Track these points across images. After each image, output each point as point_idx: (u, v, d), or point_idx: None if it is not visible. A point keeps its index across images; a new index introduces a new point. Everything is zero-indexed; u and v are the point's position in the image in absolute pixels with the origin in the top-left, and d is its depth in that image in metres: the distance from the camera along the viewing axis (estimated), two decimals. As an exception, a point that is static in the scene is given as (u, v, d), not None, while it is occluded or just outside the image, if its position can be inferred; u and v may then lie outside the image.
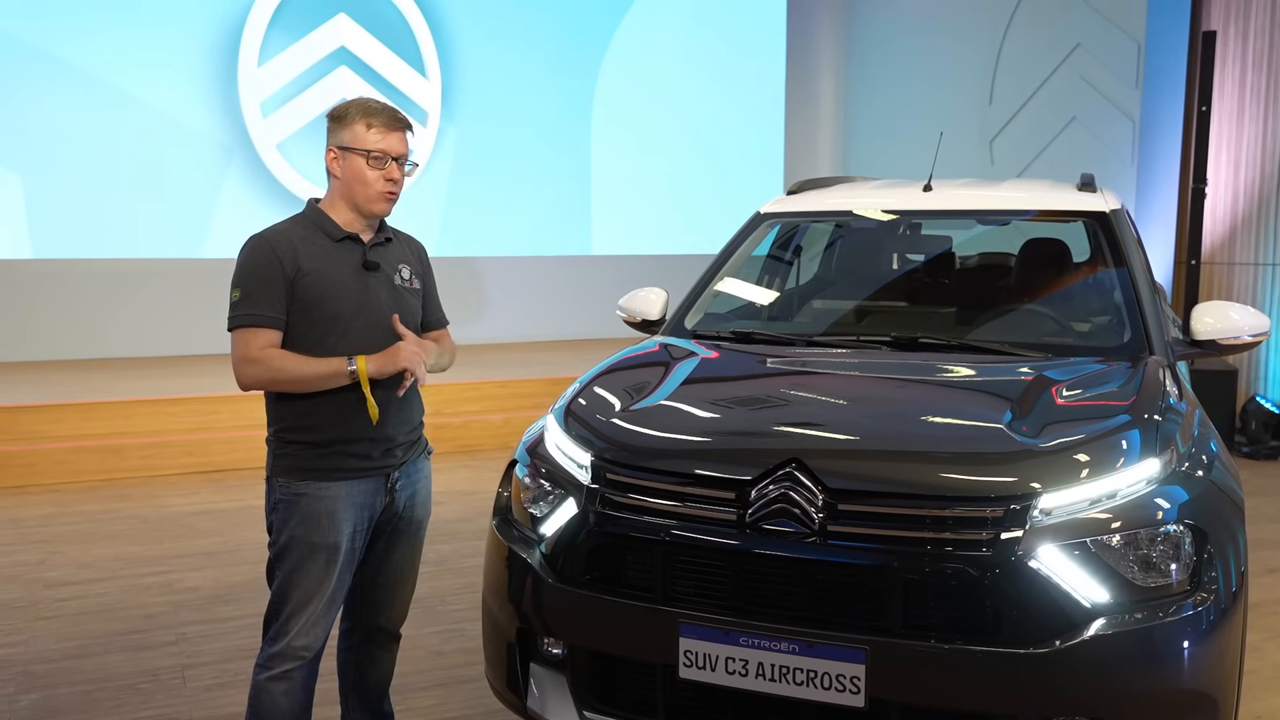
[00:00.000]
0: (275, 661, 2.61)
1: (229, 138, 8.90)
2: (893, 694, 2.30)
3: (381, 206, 2.65)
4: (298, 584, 2.59)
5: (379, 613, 2.86)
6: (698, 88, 10.60)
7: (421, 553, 2.91)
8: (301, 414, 2.58)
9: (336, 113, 2.62)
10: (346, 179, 2.61)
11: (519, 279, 9.99)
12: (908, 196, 4.03)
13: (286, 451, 2.62)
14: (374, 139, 2.58)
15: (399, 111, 2.66)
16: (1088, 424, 2.61)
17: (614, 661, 2.60)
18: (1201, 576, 2.34)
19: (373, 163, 2.59)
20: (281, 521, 2.61)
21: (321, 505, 2.58)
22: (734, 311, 3.93)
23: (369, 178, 2.59)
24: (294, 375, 2.51)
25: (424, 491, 2.84)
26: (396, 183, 2.64)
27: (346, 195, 2.63)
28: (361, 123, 2.58)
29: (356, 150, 2.58)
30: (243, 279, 2.54)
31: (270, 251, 2.54)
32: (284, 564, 2.61)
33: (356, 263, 2.64)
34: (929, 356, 3.24)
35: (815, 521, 2.37)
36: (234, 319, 2.54)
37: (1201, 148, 7.82)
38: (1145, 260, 3.75)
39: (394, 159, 2.61)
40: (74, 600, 4.45)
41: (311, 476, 2.59)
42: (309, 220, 2.65)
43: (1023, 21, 9.72)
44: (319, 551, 2.59)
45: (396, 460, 2.71)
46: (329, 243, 2.62)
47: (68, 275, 8.60)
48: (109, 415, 6.73)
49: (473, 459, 7.05)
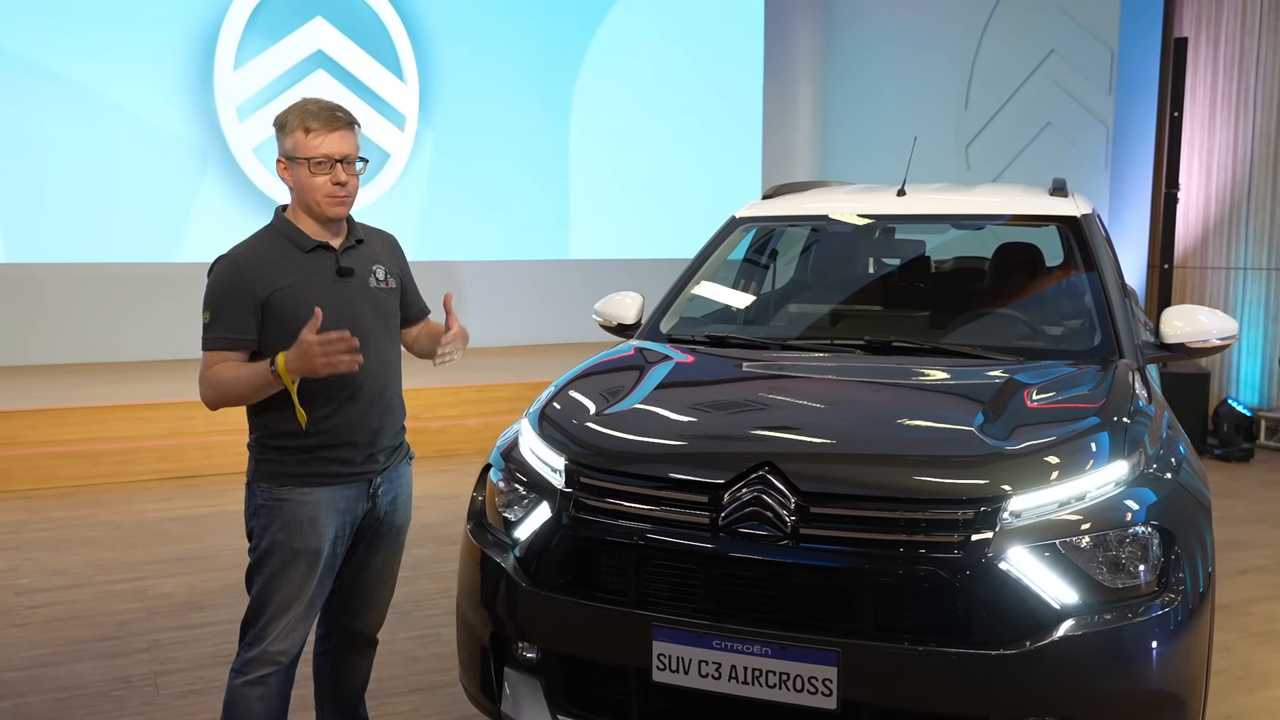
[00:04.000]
0: (251, 666, 2.59)
1: (205, 142, 8.85)
2: (864, 696, 2.31)
3: (335, 211, 2.58)
4: (278, 589, 2.57)
5: (357, 618, 2.85)
6: (676, 93, 10.61)
7: (401, 558, 2.90)
8: (284, 420, 2.54)
9: (278, 121, 2.56)
10: (296, 188, 2.56)
11: (496, 283, 9.98)
12: (882, 201, 4.05)
13: (269, 457, 2.59)
14: (314, 144, 2.51)
15: (338, 109, 2.56)
16: (1058, 427, 2.63)
17: (588, 665, 2.60)
18: (1169, 577, 2.36)
19: (315, 169, 2.51)
20: (263, 527, 2.58)
21: (304, 511, 2.56)
22: (709, 316, 3.95)
23: (315, 184, 2.53)
24: (231, 389, 2.49)
25: (405, 496, 2.83)
26: (343, 185, 2.55)
27: (300, 202, 2.58)
28: (300, 129, 2.51)
29: (299, 158, 2.52)
30: (210, 303, 2.53)
31: (236, 273, 2.51)
32: (264, 569, 2.59)
33: (330, 271, 2.60)
34: (902, 360, 3.26)
35: (788, 524, 2.38)
36: (204, 340, 2.53)
37: (1174, 153, 7.90)
38: (1116, 264, 3.79)
39: (338, 161, 2.53)
40: (46, 607, 4.41)
41: (294, 482, 2.57)
42: (278, 233, 2.60)
43: (998, 28, 9.80)
44: (300, 557, 2.57)
45: (379, 465, 2.70)
46: (300, 254, 2.57)
47: (41, 280, 8.53)
48: (83, 420, 6.68)
49: (451, 463, 7.04)
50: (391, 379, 2.73)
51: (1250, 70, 8.17)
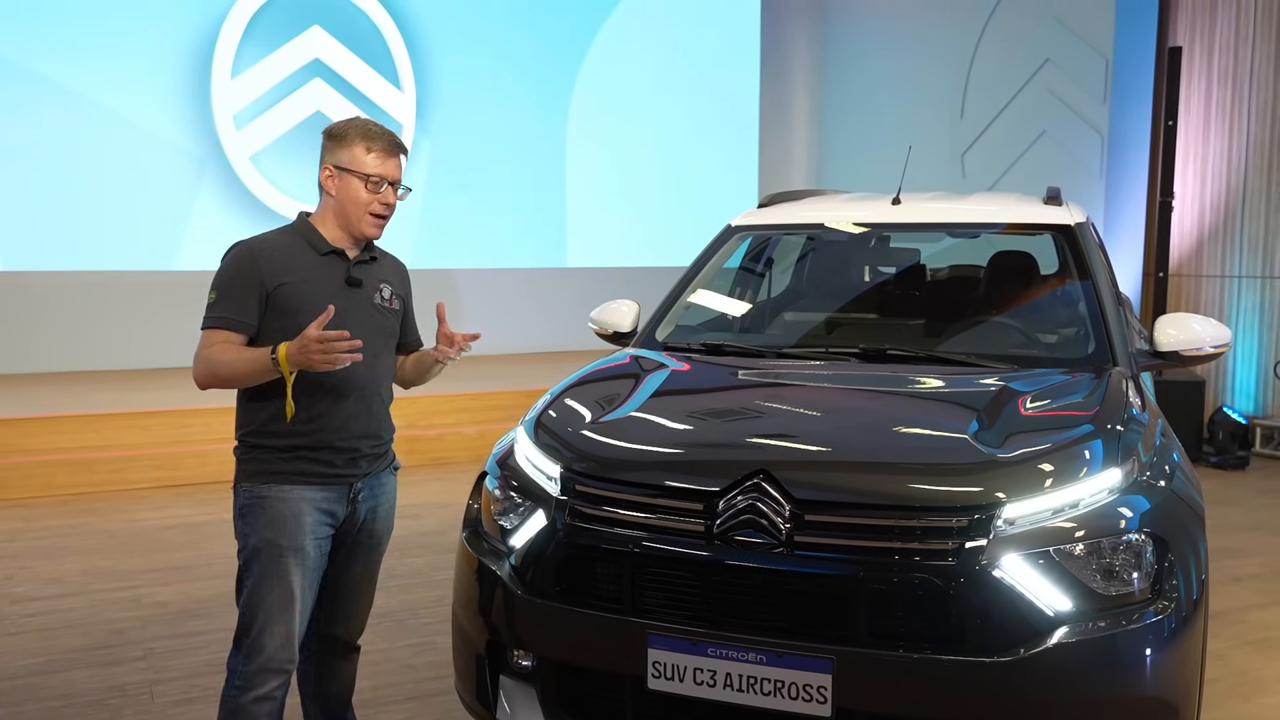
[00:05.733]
0: (259, 679, 2.57)
1: (202, 150, 8.85)
2: (859, 704, 2.32)
3: (372, 230, 2.68)
4: (270, 589, 2.57)
5: (335, 624, 2.85)
6: (672, 102, 10.64)
7: (380, 567, 2.90)
8: (268, 418, 2.58)
9: (335, 131, 2.64)
10: (340, 199, 2.63)
11: (493, 291, 9.98)
12: (877, 210, 4.06)
13: (251, 456, 2.62)
14: (373, 163, 2.61)
15: (397, 136, 2.69)
16: (1051, 434, 2.65)
17: (583, 673, 2.61)
18: (1163, 585, 2.37)
19: (370, 187, 2.61)
20: (249, 526, 2.60)
21: (286, 508, 2.58)
22: (705, 324, 3.96)
23: (363, 200, 2.62)
24: (228, 370, 2.51)
25: (386, 506, 2.83)
26: (390, 207, 2.66)
27: (339, 214, 2.65)
28: (361, 145, 2.60)
29: (354, 173, 2.60)
30: (218, 283, 2.58)
31: (250, 258, 2.57)
32: (254, 570, 2.59)
33: (340, 278, 2.66)
34: (897, 368, 3.27)
35: (782, 532, 2.39)
36: (206, 318, 2.57)
37: (1169, 161, 7.93)
38: (1110, 272, 3.80)
39: (390, 183, 2.64)
40: (41, 616, 4.41)
41: (275, 480, 2.59)
42: (297, 232, 2.67)
43: (993, 36, 9.83)
44: (287, 554, 2.58)
45: (360, 471, 2.70)
46: (314, 255, 2.64)
47: (38, 287, 8.52)
48: (79, 429, 6.67)
49: (446, 471, 7.03)
50: (381, 391, 2.75)
51: (1244, 79, 8.20)
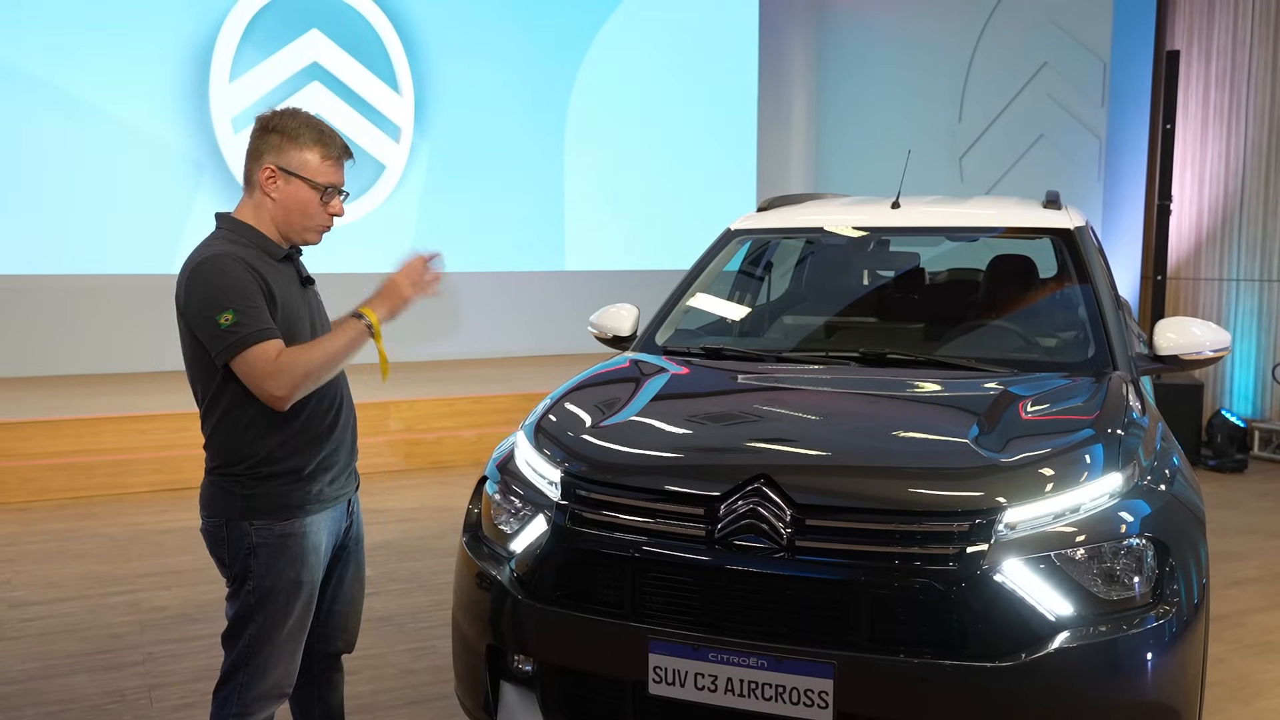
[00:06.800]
0: (260, 704, 2.49)
1: (200, 153, 8.85)
2: (860, 708, 2.31)
3: (315, 239, 2.48)
4: (281, 625, 2.43)
5: (336, 638, 2.73)
6: (671, 105, 10.64)
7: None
8: (279, 443, 2.39)
9: (280, 126, 2.38)
10: (285, 204, 2.39)
11: (492, 295, 9.97)
12: (876, 213, 4.06)
13: (264, 489, 2.39)
14: (326, 171, 2.40)
15: (345, 140, 2.49)
16: (1052, 439, 2.65)
17: (584, 678, 2.61)
18: (1164, 589, 2.37)
19: (324, 197, 2.41)
20: (264, 567, 2.40)
21: (309, 542, 2.44)
22: (705, 328, 3.96)
23: (313, 211, 2.42)
24: (324, 359, 2.31)
25: (357, 506, 2.76)
26: (338, 217, 2.47)
27: (279, 219, 2.42)
28: (316, 149, 2.39)
29: (305, 180, 2.38)
30: (232, 299, 2.27)
31: (245, 267, 2.32)
32: (266, 611, 2.41)
33: (297, 280, 2.50)
34: (897, 372, 3.27)
35: (783, 537, 2.38)
36: (240, 339, 2.26)
37: (1166, 165, 7.94)
38: (1109, 276, 3.80)
39: (339, 192, 2.45)
40: (39, 620, 4.40)
41: (297, 514, 2.41)
42: (246, 240, 2.40)
43: (991, 41, 9.84)
44: (304, 589, 2.46)
45: (355, 484, 2.67)
46: (274, 263, 2.42)
47: (36, 291, 8.51)
48: (77, 432, 6.66)
49: (446, 475, 7.03)
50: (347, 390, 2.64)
51: (1242, 83, 8.21)
